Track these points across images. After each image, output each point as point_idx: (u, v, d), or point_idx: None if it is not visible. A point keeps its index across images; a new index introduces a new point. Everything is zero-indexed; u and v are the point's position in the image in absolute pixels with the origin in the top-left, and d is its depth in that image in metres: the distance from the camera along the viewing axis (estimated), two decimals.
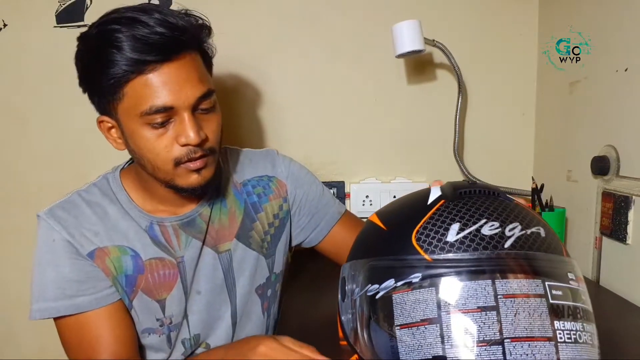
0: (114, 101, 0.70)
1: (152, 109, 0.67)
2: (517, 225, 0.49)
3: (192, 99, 0.69)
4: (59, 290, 0.74)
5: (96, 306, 0.75)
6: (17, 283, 1.29)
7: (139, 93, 0.67)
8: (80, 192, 0.80)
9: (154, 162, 0.72)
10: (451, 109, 1.27)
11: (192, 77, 0.70)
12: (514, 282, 0.45)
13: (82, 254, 0.75)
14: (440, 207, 0.52)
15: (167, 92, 0.67)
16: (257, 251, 0.89)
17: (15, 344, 1.31)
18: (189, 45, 0.70)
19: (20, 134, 1.25)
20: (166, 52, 0.67)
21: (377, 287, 0.50)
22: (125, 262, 0.77)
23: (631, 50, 0.94)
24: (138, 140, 0.71)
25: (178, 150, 0.70)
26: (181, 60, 0.69)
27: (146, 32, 0.65)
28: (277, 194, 0.91)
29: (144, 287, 0.79)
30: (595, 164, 1.02)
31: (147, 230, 0.79)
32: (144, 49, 0.65)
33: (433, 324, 0.45)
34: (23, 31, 1.22)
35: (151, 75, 0.67)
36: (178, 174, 0.73)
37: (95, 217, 0.77)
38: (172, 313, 0.82)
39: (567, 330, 0.45)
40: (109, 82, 0.67)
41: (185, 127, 0.69)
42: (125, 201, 0.80)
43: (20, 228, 1.27)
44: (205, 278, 0.84)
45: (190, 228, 0.82)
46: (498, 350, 0.43)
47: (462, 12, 1.29)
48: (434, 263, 0.47)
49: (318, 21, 1.28)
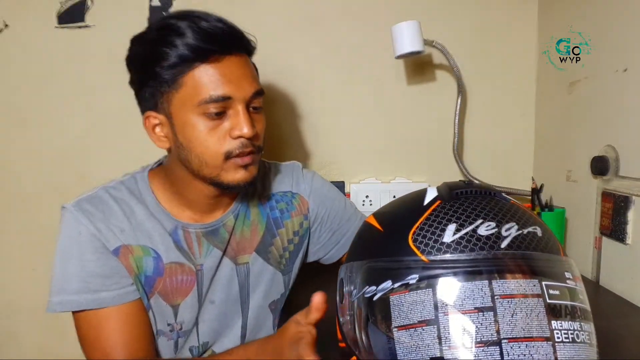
0: (170, 92, 0.71)
1: (212, 97, 0.69)
2: (513, 225, 0.49)
3: (249, 93, 0.73)
4: (82, 284, 0.73)
5: (119, 302, 0.74)
6: (17, 283, 1.29)
7: (199, 82, 0.70)
8: (107, 188, 0.79)
9: (203, 156, 0.72)
10: (451, 109, 1.27)
11: (249, 74, 0.74)
12: (510, 282, 0.45)
13: (108, 249, 0.74)
14: (436, 208, 0.52)
15: (226, 83, 0.70)
16: (275, 267, 0.89)
17: (15, 344, 1.31)
18: (245, 48, 0.76)
19: (20, 134, 1.25)
20: (227, 45, 0.71)
21: (375, 289, 0.49)
22: (147, 262, 0.77)
23: (631, 50, 0.94)
24: (190, 132, 0.72)
25: (230, 143, 0.72)
26: (239, 57, 0.73)
27: (207, 25, 0.69)
28: (298, 211, 0.91)
29: (161, 290, 0.79)
30: (594, 164, 1.02)
31: (171, 234, 0.79)
32: (206, 38, 0.69)
33: (430, 325, 0.45)
34: (24, 31, 1.22)
35: (213, 65, 0.70)
36: (226, 169, 0.73)
37: (122, 214, 0.77)
38: (184, 319, 0.82)
39: (564, 329, 0.45)
40: (169, 71, 0.70)
41: (240, 120, 0.71)
42: (152, 203, 0.79)
43: (20, 228, 1.28)
44: (221, 288, 0.84)
45: (213, 237, 0.82)
46: (496, 351, 0.43)
47: (462, 12, 1.29)
48: (430, 264, 0.47)
49: (318, 21, 1.28)
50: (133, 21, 1.23)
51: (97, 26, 1.23)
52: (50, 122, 1.25)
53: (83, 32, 1.23)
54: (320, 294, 0.61)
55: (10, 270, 1.29)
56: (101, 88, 1.25)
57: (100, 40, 1.23)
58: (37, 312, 1.30)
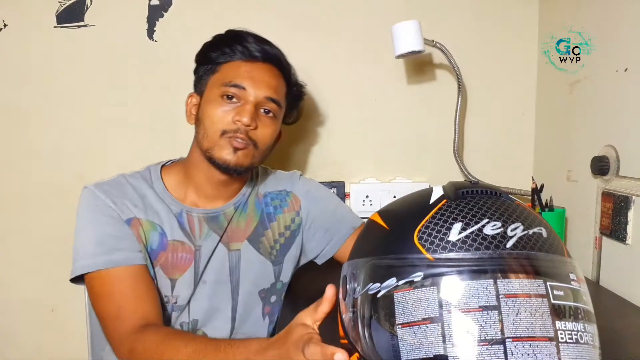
0: (211, 73, 0.89)
1: (231, 82, 0.85)
2: (519, 226, 0.49)
3: (262, 94, 0.86)
4: (99, 247, 0.81)
5: (131, 263, 0.82)
6: (17, 283, 1.29)
7: (230, 70, 0.87)
8: (125, 175, 0.91)
9: (207, 128, 0.85)
10: (451, 109, 1.27)
11: (271, 82, 0.88)
12: (515, 282, 0.45)
13: (122, 218, 0.84)
14: (442, 207, 0.52)
15: (248, 78, 0.86)
16: (265, 257, 0.96)
17: (15, 344, 1.31)
18: (283, 69, 0.92)
19: (20, 133, 1.25)
20: (266, 56, 0.89)
21: (379, 286, 0.49)
22: (153, 236, 0.86)
23: (631, 50, 0.94)
24: (207, 107, 0.86)
25: (229, 124, 0.84)
26: (272, 68, 0.90)
27: (267, 46, 0.90)
28: (291, 208, 1.00)
29: (162, 263, 0.87)
30: (595, 164, 1.02)
31: (177, 216, 0.89)
32: (257, 49, 0.88)
33: (434, 322, 0.45)
34: (23, 31, 1.22)
35: (247, 63, 0.88)
36: (219, 145, 0.85)
37: (136, 195, 0.88)
38: (179, 294, 0.89)
39: (568, 330, 0.45)
40: (216, 56, 0.88)
41: (243, 110, 0.85)
42: (161, 190, 0.90)
43: (20, 228, 1.27)
44: (213, 270, 0.91)
45: (212, 223, 0.92)
46: (500, 350, 0.43)
47: (462, 12, 1.29)
48: (435, 262, 0.47)
49: (318, 21, 1.28)
50: (132, 21, 1.24)
51: (96, 26, 1.23)
52: (50, 122, 1.25)
53: (82, 32, 1.23)
54: (333, 287, 0.61)
55: (10, 270, 1.29)
56: (100, 88, 1.25)
57: (100, 40, 1.23)
58: (37, 312, 1.30)
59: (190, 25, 1.25)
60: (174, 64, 1.25)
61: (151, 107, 1.27)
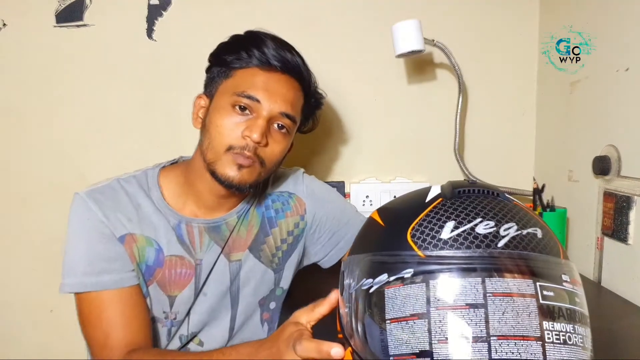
0: (224, 77, 0.82)
1: (244, 93, 0.78)
2: (512, 226, 0.49)
3: (277, 109, 0.79)
4: (89, 266, 0.77)
5: (120, 285, 0.78)
6: (17, 283, 1.29)
7: (245, 78, 0.80)
8: (119, 180, 0.84)
9: (212, 139, 0.79)
10: (451, 109, 1.27)
11: (288, 96, 0.81)
12: (504, 281, 0.45)
13: (114, 235, 0.79)
14: (437, 205, 0.52)
15: (263, 90, 0.79)
16: (266, 265, 0.92)
17: (15, 344, 1.31)
18: (303, 81, 0.85)
19: (20, 133, 1.25)
20: (285, 66, 0.81)
21: (371, 282, 0.50)
22: (149, 253, 0.81)
23: (631, 50, 0.94)
24: (216, 116, 0.79)
25: (237, 139, 0.78)
26: (290, 80, 0.82)
27: (287, 53, 0.81)
28: (294, 211, 0.94)
29: (159, 280, 0.83)
30: (596, 163, 1.02)
31: (175, 228, 0.84)
32: (276, 57, 0.80)
33: (422, 319, 0.45)
34: (23, 31, 1.22)
35: (262, 72, 0.80)
36: (222, 160, 0.78)
37: (131, 206, 0.82)
38: (178, 310, 0.85)
39: (556, 331, 0.45)
40: (232, 60, 0.81)
41: (255, 124, 0.78)
42: (157, 198, 0.84)
43: (20, 228, 1.27)
44: (213, 282, 0.87)
45: (214, 233, 0.87)
46: (484, 348, 0.43)
47: (462, 12, 1.29)
48: (426, 259, 0.48)
49: (318, 21, 1.28)
50: (132, 20, 1.23)
51: (95, 25, 1.23)
52: (50, 122, 1.25)
53: (82, 31, 1.23)
54: (337, 292, 0.61)
55: (10, 270, 1.29)
56: (100, 87, 1.25)
57: (99, 40, 1.23)
58: (37, 312, 1.30)
59: (190, 24, 1.25)
60: (174, 64, 1.25)
61: (150, 107, 1.27)
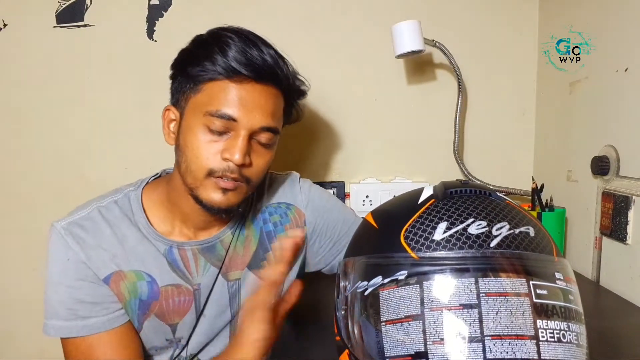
0: (190, 93, 0.73)
1: (218, 112, 0.70)
2: (505, 225, 0.49)
3: (257, 124, 0.72)
4: (70, 311, 0.72)
5: (108, 327, 0.73)
6: (17, 283, 1.29)
7: (215, 94, 0.70)
8: (100, 209, 0.77)
9: (190, 164, 0.72)
10: (451, 109, 1.27)
11: (267, 107, 0.72)
12: (497, 280, 0.46)
13: (98, 277, 0.73)
14: (429, 206, 0.52)
15: (238, 105, 0.70)
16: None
17: (15, 344, 1.31)
18: (280, 83, 0.75)
19: (20, 133, 1.25)
20: (259, 74, 0.71)
21: (366, 284, 0.50)
22: (141, 287, 0.76)
23: (631, 50, 0.94)
24: (190, 136, 0.72)
25: (217, 162, 0.71)
26: (266, 88, 0.72)
27: (256, 53, 0.70)
28: (294, 224, 0.88)
29: (157, 312, 0.78)
30: (595, 164, 1.02)
31: (166, 254, 0.78)
32: (246, 64, 0.69)
33: (416, 320, 0.46)
34: (23, 31, 1.22)
35: (234, 84, 0.70)
36: (204, 185, 0.72)
37: (115, 239, 0.75)
38: (182, 335, 0.82)
39: (550, 329, 0.45)
40: (197, 72, 0.71)
41: (235, 145, 0.70)
42: (144, 225, 0.77)
43: (20, 228, 1.27)
44: (212, 303, 0.83)
45: (209, 254, 0.81)
46: (478, 348, 0.44)
47: (462, 12, 1.29)
48: (420, 261, 0.48)
49: (318, 21, 1.28)
50: (132, 21, 1.23)
51: (96, 26, 1.23)
52: (50, 122, 1.25)
53: (82, 32, 1.23)
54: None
55: (10, 270, 1.29)
56: (100, 88, 1.25)
57: (100, 40, 1.23)
58: (37, 312, 1.28)
59: (190, 25, 1.23)
60: None
61: (151, 107, 1.27)
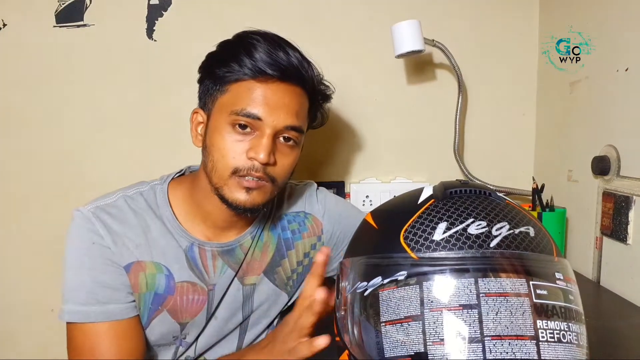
0: (217, 92, 0.74)
1: (243, 111, 0.71)
2: (504, 225, 0.49)
3: (281, 124, 0.72)
4: (91, 295, 0.72)
5: (125, 316, 0.74)
6: (17, 283, 1.29)
7: (241, 94, 0.72)
8: (126, 198, 0.78)
9: (217, 162, 0.73)
10: (451, 109, 1.27)
11: (292, 107, 0.74)
12: (497, 280, 0.45)
13: (120, 264, 0.74)
14: (429, 207, 0.52)
15: (263, 104, 0.71)
16: (281, 288, 0.88)
17: (15, 344, 1.31)
18: (305, 84, 0.76)
19: (19, 133, 1.25)
20: (284, 73, 0.72)
21: (366, 285, 0.50)
22: (159, 280, 0.76)
23: (631, 50, 0.94)
24: (216, 136, 0.73)
25: (242, 161, 0.72)
26: (291, 87, 0.74)
27: (281, 54, 0.72)
28: (311, 232, 0.90)
29: (170, 308, 0.78)
30: (595, 163, 1.02)
31: (187, 251, 0.78)
32: (269, 63, 0.71)
33: (416, 321, 0.46)
34: (22, 31, 1.22)
35: (259, 84, 0.72)
36: (229, 184, 0.73)
37: (140, 229, 0.76)
38: (188, 332, 0.82)
39: (550, 329, 0.45)
40: (223, 74, 0.73)
41: (260, 144, 0.71)
42: (169, 218, 0.78)
43: (20, 228, 1.27)
44: (225, 305, 0.83)
45: (228, 257, 0.82)
46: (478, 348, 0.43)
47: (462, 12, 1.29)
48: (419, 261, 0.48)
49: (318, 21, 1.28)
50: (132, 20, 1.23)
51: (95, 25, 1.23)
52: (49, 122, 1.25)
53: (81, 32, 1.23)
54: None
55: (10, 270, 1.29)
56: (100, 88, 1.25)
57: (99, 40, 1.23)
58: (37, 312, 1.30)
59: (190, 24, 1.25)
60: (174, 64, 1.24)
61: (150, 107, 1.27)
